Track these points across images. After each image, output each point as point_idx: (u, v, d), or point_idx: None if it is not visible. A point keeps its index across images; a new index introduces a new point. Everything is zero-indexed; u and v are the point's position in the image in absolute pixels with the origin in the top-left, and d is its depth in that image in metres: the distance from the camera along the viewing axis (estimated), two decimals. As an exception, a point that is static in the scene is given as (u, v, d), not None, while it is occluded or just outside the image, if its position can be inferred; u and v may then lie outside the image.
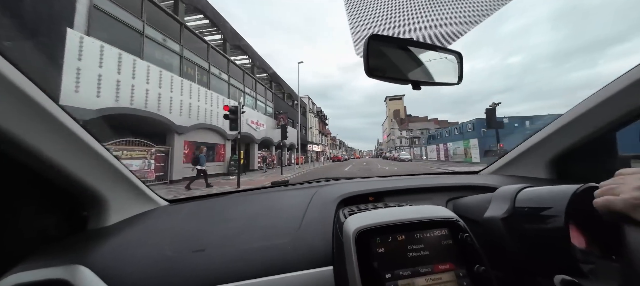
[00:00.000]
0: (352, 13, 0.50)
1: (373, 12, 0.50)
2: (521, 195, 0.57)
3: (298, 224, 0.68)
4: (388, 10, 0.50)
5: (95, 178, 0.63)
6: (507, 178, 1.01)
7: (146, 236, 0.65)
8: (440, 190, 0.91)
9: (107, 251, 0.58)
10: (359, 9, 0.49)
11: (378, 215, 0.56)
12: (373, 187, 0.90)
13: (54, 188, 0.60)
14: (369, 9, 0.49)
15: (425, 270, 0.48)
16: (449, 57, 0.68)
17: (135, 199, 0.78)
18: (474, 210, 0.67)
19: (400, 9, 0.50)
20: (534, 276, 0.51)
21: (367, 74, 0.57)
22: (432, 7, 0.51)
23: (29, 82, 0.46)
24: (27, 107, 0.47)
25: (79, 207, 0.67)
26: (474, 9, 0.51)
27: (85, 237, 0.64)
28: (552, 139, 0.91)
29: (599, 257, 0.45)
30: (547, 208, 0.49)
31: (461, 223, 0.55)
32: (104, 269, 0.52)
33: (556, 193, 0.49)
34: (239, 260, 0.57)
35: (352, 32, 0.55)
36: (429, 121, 73.56)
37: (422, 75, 0.66)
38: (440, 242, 0.52)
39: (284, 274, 0.54)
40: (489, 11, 0.52)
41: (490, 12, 0.52)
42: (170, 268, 0.54)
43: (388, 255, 0.49)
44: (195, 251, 0.58)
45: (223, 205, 0.84)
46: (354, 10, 0.49)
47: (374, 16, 0.51)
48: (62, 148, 0.54)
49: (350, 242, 0.50)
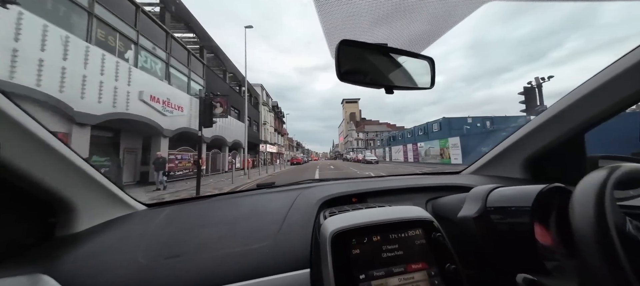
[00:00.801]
0: (324, 16, 0.50)
1: (345, 17, 0.50)
2: (492, 195, 0.59)
3: (278, 227, 0.67)
4: (360, 15, 0.51)
5: (59, 181, 0.60)
6: (485, 178, 1.04)
7: (118, 243, 0.62)
8: (422, 191, 0.92)
9: (74, 259, 0.55)
10: (331, 13, 0.49)
11: (356, 216, 0.57)
12: (356, 188, 0.91)
13: (16, 194, 0.57)
14: (341, 14, 0.50)
15: (398, 270, 0.49)
16: (421, 63, 0.69)
17: (107, 204, 0.74)
18: (450, 210, 0.69)
19: (373, 14, 0.51)
20: (504, 274, 0.52)
21: (339, 78, 0.58)
22: (404, 13, 0.52)
23: None
24: None
25: (45, 213, 0.63)
26: (445, 16, 0.53)
27: (53, 245, 0.60)
28: (526, 140, 0.94)
29: (562, 255, 0.46)
30: (514, 207, 0.52)
31: (434, 223, 0.56)
32: (70, 278, 0.50)
33: (523, 192, 0.52)
34: (216, 265, 0.55)
35: (325, 35, 0.56)
36: (381, 124, 76.26)
37: (395, 79, 0.67)
38: (414, 242, 0.53)
39: (261, 278, 0.53)
40: (459, 18, 0.53)
41: (459, 19, 0.53)
42: (143, 276, 0.52)
43: (363, 256, 0.50)
44: (169, 258, 0.56)
45: (204, 209, 0.84)
46: (326, 14, 0.49)
47: (346, 21, 0.52)
48: (23, 150, 0.51)
49: (326, 244, 0.51)
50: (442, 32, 0.59)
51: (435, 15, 0.54)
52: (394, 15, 0.53)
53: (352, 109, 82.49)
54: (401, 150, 28.05)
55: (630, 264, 0.31)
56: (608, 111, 0.70)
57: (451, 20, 0.54)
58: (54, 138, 0.57)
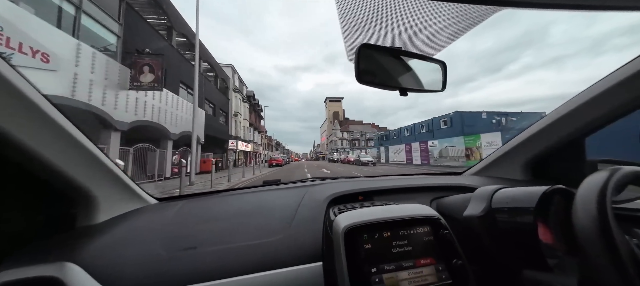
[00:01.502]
0: (344, 19, 0.53)
1: (363, 20, 0.53)
2: (497, 195, 0.62)
3: (289, 222, 0.70)
4: (378, 19, 0.54)
5: (84, 175, 0.63)
6: (488, 179, 1.07)
7: (136, 235, 0.65)
8: (426, 190, 0.95)
9: (97, 249, 0.57)
10: (350, 15, 0.52)
11: (366, 213, 0.60)
12: (362, 186, 0.93)
13: (41, 185, 0.60)
14: (360, 17, 0.53)
15: (407, 265, 0.52)
16: (433, 66, 0.72)
17: (124, 197, 0.78)
18: (455, 209, 0.72)
19: (390, 19, 0.54)
20: (508, 270, 0.56)
21: (357, 80, 0.61)
22: (418, 17, 0.55)
23: (18, 76, 0.45)
24: (16, 101, 0.46)
25: (67, 204, 0.67)
26: (458, 20, 0.55)
27: (75, 235, 0.63)
28: (528, 143, 0.97)
29: (563, 252, 0.49)
30: (518, 207, 0.55)
31: (442, 220, 0.59)
32: (95, 267, 0.52)
33: (528, 193, 0.54)
34: (231, 257, 0.58)
35: (343, 37, 0.59)
36: (366, 125, 73.29)
37: (409, 82, 0.70)
38: (423, 239, 0.56)
39: (275, 270, 0.56)
40: (471, 24, 0.55)
41: (472, 24, 0.55)
42: (162, 266, 0.55)
43: (374, 251, 0.53)
44: (187, 249, 0.59)
45: (214, 203, 0.86)
46: (346, 17, 0.52)
47: (364, 23, 0.55)
48: (51, 144, 0.54)
49: (340, 239, 0.53)
50: (455, 36, 0.61)
51: (448, 20, 0.54)
52: (408, 19, 0.55)
53: (336, 108, 78.71)
54: (402, 150, 23.23)
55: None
56: (607, 117, 0.74)
57: (463, 25, 0.56)
58: (79, 132, 0.59)
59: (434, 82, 0.73)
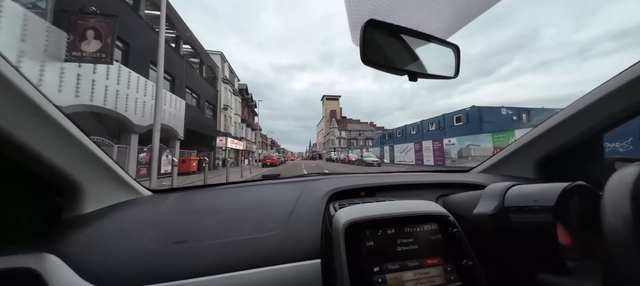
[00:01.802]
0: None
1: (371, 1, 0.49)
2: (510, 192, 0.59)
3: (287, 218, 0.68)
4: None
5: (67, 162, 0.59)
6: (497, 178, 1.02)
7: (125, 226, 0.63)
8: (431, 187, 0.91)
9: (81, 240, 0.55)
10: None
11: (368, 208, 0.57)
12: (364, 182, 0.90)
13: (24, 174, 0.57)
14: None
15: (413, 264, 0.49)
16: (446, 50, 0.67)
17: (114, 187, 0.75)
18: (464, 207, 0.69)
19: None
20: (520, 272, 0.53)
21: (363, 61, 0.57)
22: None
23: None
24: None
25: (52, 194, 0.64)
26: (471, 1, 0.51)
27: (58, 226, 0.60)
28: (540, 140, 0.93)
29: (584, 255, 0.47)
30: (535, 206, 0.51)
31: (451, 218, 0.56)
32: (77, 259, 0.50)
33: (545, 190, 0.51)
34: (226, 252, 0.56)
35: (349, 18, 0.55)
36: (363, 123, 71.70)
37: (419, 66, 0.66)
38: (430, 237, 0.53)
39: (272, 266, 0.54)
40: (487, 4, 0.53)
41: (488, 5, 0.53)
42: (151, 260, 0.53)
43: (377, 249, 0.50)
44: (180, 243, 0.57)
45: (210, 197, 0.83)
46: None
47: (371, 3, 0.51)
48: (32, 128, 0.50)
49: (340, 235, 0.51)
50: (472, 16, 0.57)
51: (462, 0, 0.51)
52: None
53: (333, 106, 76.04)
54: (411, 150, 20.91)
55: None
56: (628, 111, 0.70)
57: (478, 5, 0.52)
58: (61, 114, 0.55)
59: (446, 67, 0.68)
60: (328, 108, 76.81)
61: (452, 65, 0.67)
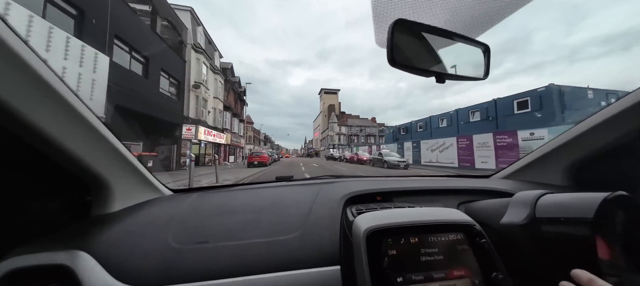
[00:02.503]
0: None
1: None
2: (542, 201, 0.59)
3: (304, 221, 0.72)
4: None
5: (100, 163, 0.66)
6: (522, 184, 1.02)
7: (149, 225, 0.69)
8: (451, 193, 0.94)
9: (109, 238, 0.62)
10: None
11: (389, 215, 0.59)
12: (380, 186, 0.92)
13: (58, 172, 0.64)
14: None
15: (438, 276, 0.50)
16: (474, 50, 0.68)
17: (139, 187, 0.82)
18: (489, 215, 0.70)
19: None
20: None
21: (390, 63, 0.57)
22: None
23: (48, 69, 0.49)
24: (42, 91, 0.49)
25: (83, 192, 0.72)
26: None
27: (88, 223, 0.67)
28: (571, 145, 0.92)
29: (625, 269, 0.47)
30: (572, 217, 0.51)
31: (478, 227, 0.57)
32: (106, 256, 0.56)
33: (582, 200, 0.52)
34: (244, 254, 0.61)
35: (374, 18, 0.57)
36: (364, 119, 71.64)
37: (448, 67, 0.66)
38: (456, 247, 0.54)
39: (291, 271, 0.58)
40: (517, 3, 0.53)
41: (518, 4, 0.54)
42: (173, 259, 0.58)
43: (400, 258, 0.51)
44: (199, 243, 0.62)
45: (227, 197, 0.89)
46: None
47: (397, 3, 0.53)
48: (72, 133, 0.57)
49: (361, 242, 0.52)
50: (504, 14, 0.57)
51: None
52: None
53: (331, 101, 76.65)
54: (451, 146, 15.56)
55: None
56: None
57: (513, 3, 0.53)
58: (94, 116, 0.62)
59: (476, 68, 0.68)
60: (326, 102, 78.15)
61: (481, 65, 0.68)
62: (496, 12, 0.54)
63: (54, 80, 0.48)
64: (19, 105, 0.43)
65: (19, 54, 0.41)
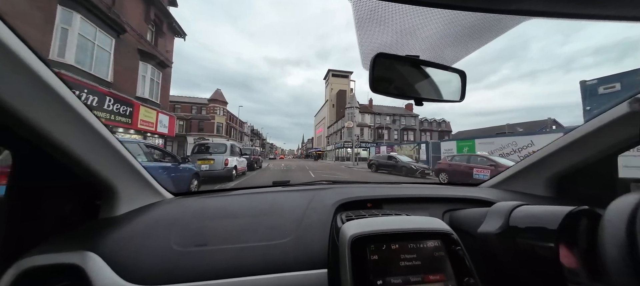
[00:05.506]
0: (360, 28, 0.56)
1: (380, 29, 0.56)
2: (516, 212, 0.65)
3: (297, 225, 0.79)
4: (395, 27, 0.57)
5: (109, 168, 0.73)
6: (506, 194, 1.13)
7: (153, 228, 0.74)
8: (438, 201, 1.02)
9: (116, 240, 0.67)
10: (367, 25, 0.56)
11: (374, 223, 0.65)
12: (371, 193, 1.01)
13: (72, 178, 0.71)
14: (377, 26, 0.56)
15: (415, 280, 0.55)
16: (451, 75, 0.75)
17: (143, 191, 0.89)
18: (470, 223, 0.76)
19: (407, 26, 0.57)
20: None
21: (371, 89, 0.65)
22: (436, 26, 0.57)
23: (55, 77, 0.52)
24: (52, 99, 0.53)
25: (93, 196, 0.79)
26: (479, 29, 0.57)
27: (97, 226, 0.74)
28: (553, 157, 1.03)
29: (587, 277, 0.52)
30: (539, 227, 0.57)
31: (454, 236, 0.63)
32: (113, 257, 0.61)
33: (549, 213, 0.57)
34: (240, 256, 0.66)
35: (359, 46, 0.62)
36: (393, 107, 51.99)
37: (426, 91, 0.73)
38: (433, 253, 0.59)
39: (281, 273, 0.63)
40: (492, 35, 0.57)
41: (493, 36, 0.57)
42: (175, 261, 0.63)
43: (381, 263, 0.57)
44: (199, 245, 0.68)
45: (226, 201, 0.97)
46: (362, 26, 0.56)
47: (380, 32, 0.57)
48: (81, 140, 0.63)
49: (345, 248, 0.58)
50: (476, 46, 0.63)
51: (470, 30, 0.57)
52: (427, 28, 0.57)
53: (341, 86, 58.65)
54: None
55: None
56: None
57: (486, 35, 0.57)
58: (104, 128, 0.67)
59: (452, 92, 0.75)
60: (335, 88, 59.53)
61: (458, 90, 0.74)
62: (472, 40, 0.56)
63: (68, 95, 0.53)
64: (45, 124, 0.48)
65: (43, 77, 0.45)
